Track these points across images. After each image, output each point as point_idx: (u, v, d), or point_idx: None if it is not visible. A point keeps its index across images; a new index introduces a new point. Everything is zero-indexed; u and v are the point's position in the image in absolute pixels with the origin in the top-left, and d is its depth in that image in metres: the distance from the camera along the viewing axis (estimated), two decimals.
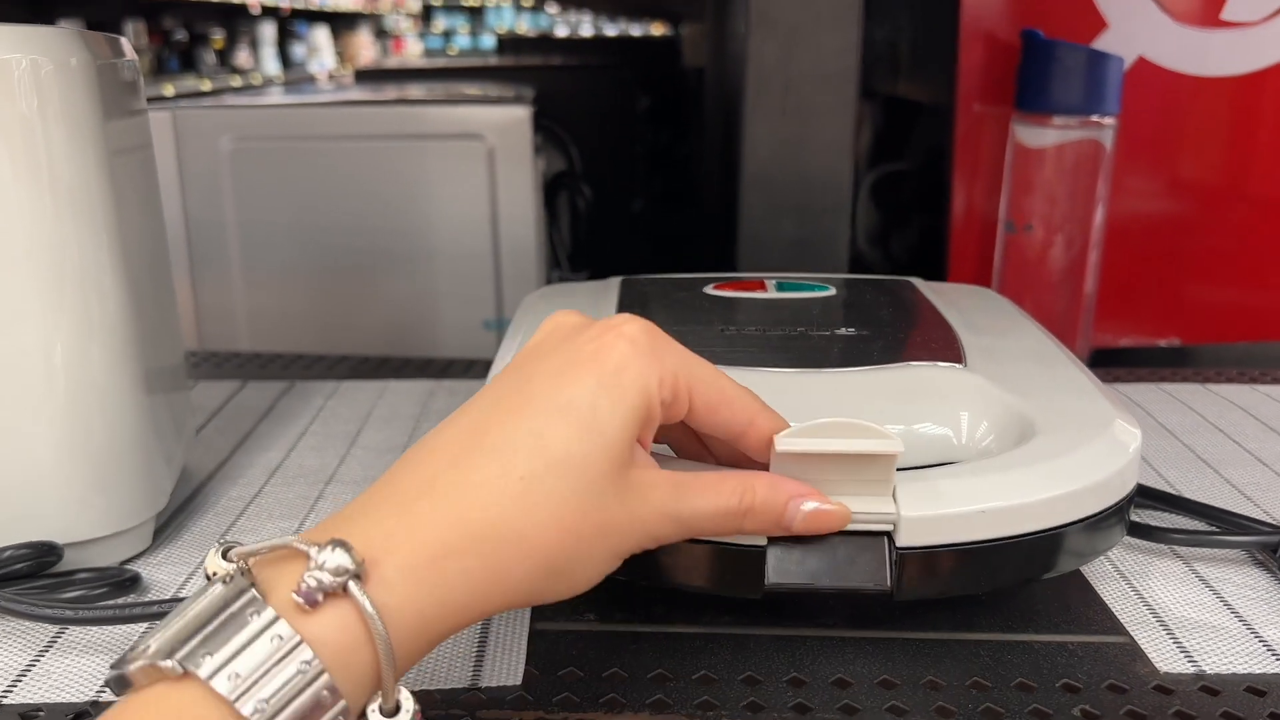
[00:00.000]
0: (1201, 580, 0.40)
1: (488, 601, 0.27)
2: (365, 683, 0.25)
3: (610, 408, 0.28)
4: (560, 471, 0.27)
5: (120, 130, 0.41)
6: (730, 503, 0.30)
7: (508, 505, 0.27)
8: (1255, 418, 0.57)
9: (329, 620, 0.24)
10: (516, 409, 0.28)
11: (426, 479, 0.27)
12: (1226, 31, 0.77)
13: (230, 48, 4.46)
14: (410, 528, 0.26)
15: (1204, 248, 0.81)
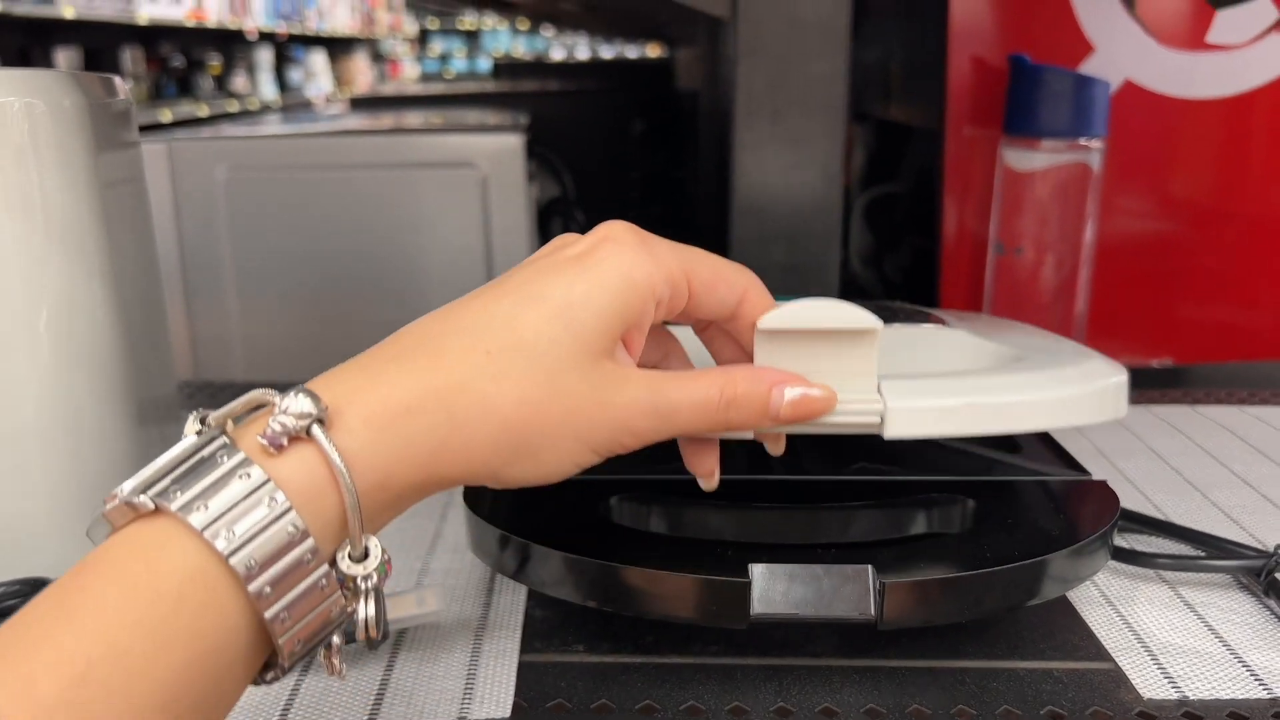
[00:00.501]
0: (1187, 605, 0.40)
1: (451, 462, 0.27)
2: (333, 527, 0.25)
3: (586, 295, 0.28)
4: (528, 351, 0.27)
5: (112, 165, 0.41)
6: (711, 394, 0.30)
7: (473, 372, 0.27)
8: (1243, 440, 0.58)
9: (294, 463, 0.25)
10: (494, 297, 0.29)
11: (397, 351, 0.28)
12: (1212, 54, 0.78)
13: (227, 73, 4.49)
14: (376, 385, 0.27)
15: (1194, 268, 0.82)
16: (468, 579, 0.43)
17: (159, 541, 0.24)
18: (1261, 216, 0.80)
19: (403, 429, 0.26)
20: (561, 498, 0.39)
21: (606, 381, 0.28)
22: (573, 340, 0.28)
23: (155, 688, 0.23)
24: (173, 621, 0.23)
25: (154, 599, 0.23)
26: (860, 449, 0.46)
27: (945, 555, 0.35)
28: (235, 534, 0.24)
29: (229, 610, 0.24)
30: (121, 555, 0.24)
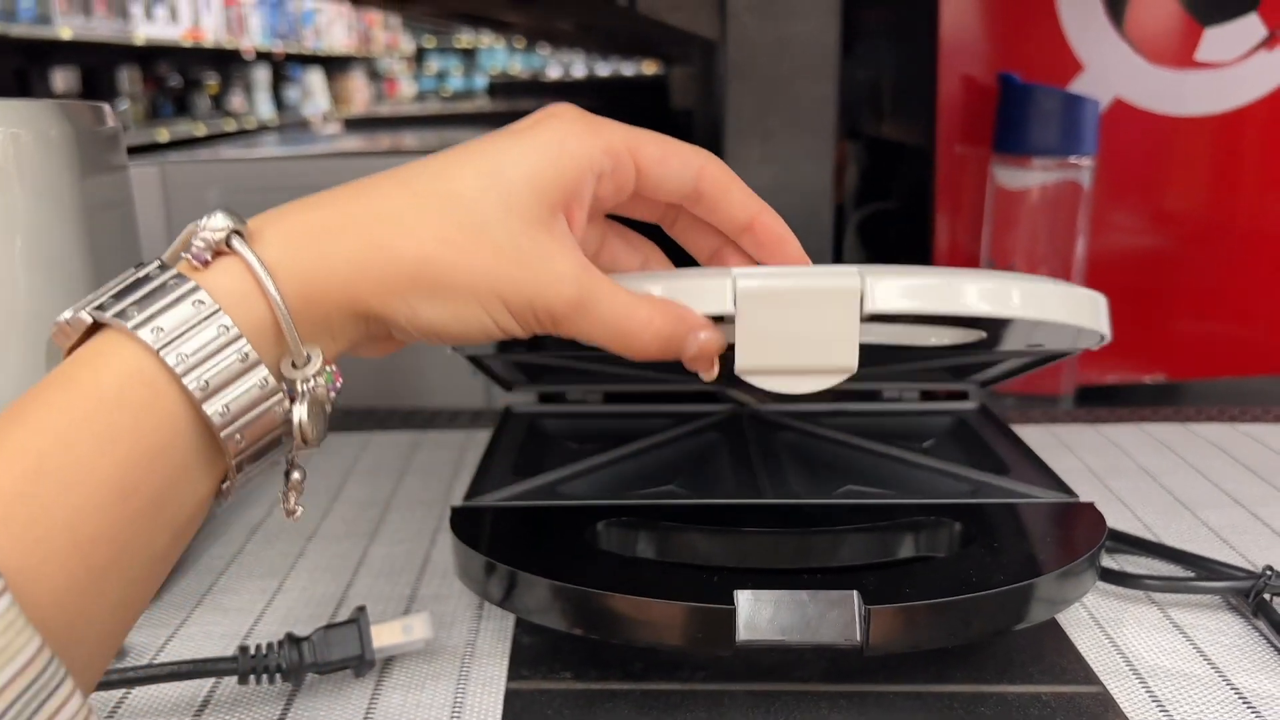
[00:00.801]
0: (1175, 626, 0.40)
1: (372, 288, 0.28)
2: (268, 335, 0.26)
3: (519, 158, 0.29)
4: (455, 200, 0.28)
5: (98, 190, 0.42)
6: (633, 324, 0.30)
7: (398, 205, 0.28)
8: (1234, 458, 0.58)
9: (219, 274, 0.26)
10: (432, 157, 0.29)
11: (330, 195, 0.29)
12: (1201, 72, 0.78)
13: (224, 92, 4.51)
14: (299, 211, 0.28)
15: (1187, 285, 0.82)
16: (455, 605, 0.43)
17: (100, 350, 0.25)
18: (1252, 233, 0.80)
19: (322, 245, 0.27)
20: (548, 524, 0.39)
21: (535, 248, 0.29)
22: (500, 198, 0.28)
23: (105, 481, 0.24)
24: (116, 416, 0.24)
25: (97, 397, 0.24)
26: (849, 472, 0.46)
27: (931, 580, 0.35)
28: (164, 331, 0.25)
29: (171, 409, 0.25)
30: (66, 367, 0.25)
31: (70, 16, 3.27)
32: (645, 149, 0.31)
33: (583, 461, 0.46)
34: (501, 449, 0.48)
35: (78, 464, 0.23)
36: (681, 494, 0.43)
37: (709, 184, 0.32)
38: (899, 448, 0.47)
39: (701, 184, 0.32)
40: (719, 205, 0.32)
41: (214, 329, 0.25)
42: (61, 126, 0.39)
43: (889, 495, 0.43)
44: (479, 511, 0.41)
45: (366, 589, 0.44)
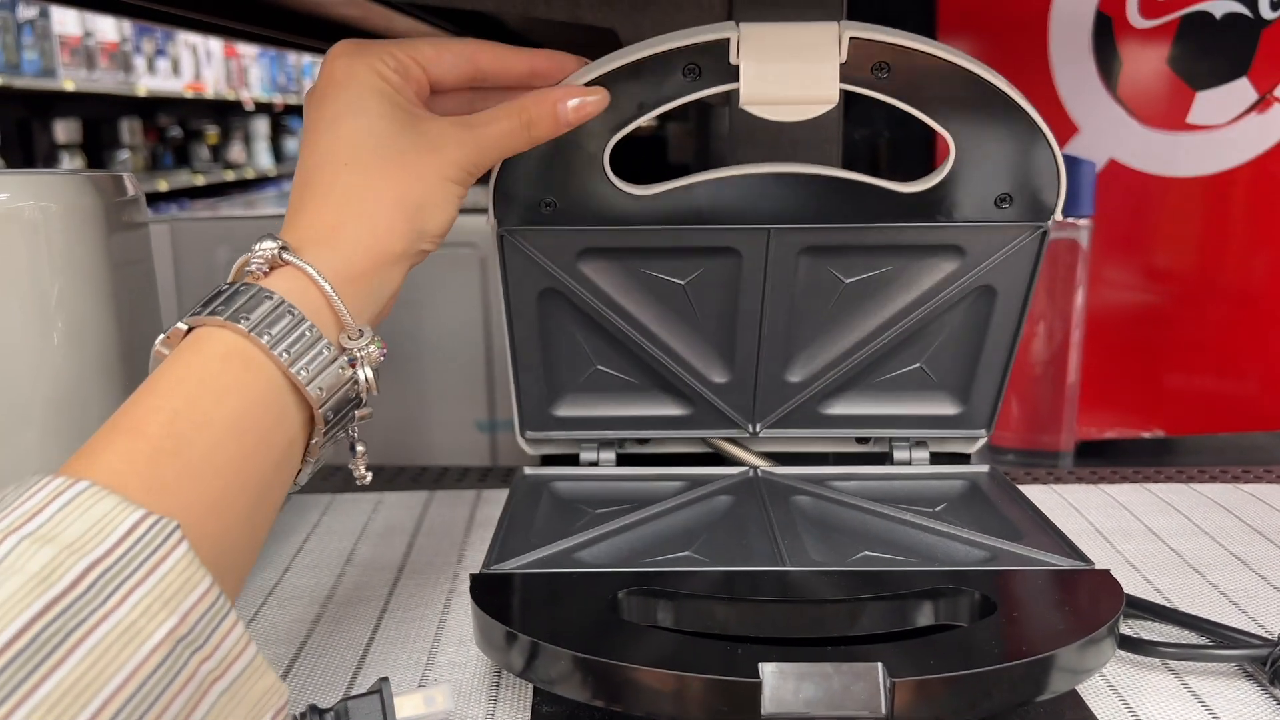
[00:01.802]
0: (1193, 695, 0.40)
1: (390, 243, 0.37)
2: (328, 317, 0.35)
3: (364, 99, 0.37)
4: (364, 149, 0.37)
5: (121, 249, 0.43)
6: (513, 123, 0.39)
7: (349, 183, 0.37)
8: (1240, 519, 0.58)
9: (279, 279, 0.35)
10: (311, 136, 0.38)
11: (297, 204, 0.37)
12: (1193, 134, 0.80)
13: (224, 143, 4.54)
14: (299, 227, 0.36)
15: (1183, 341, 0.83)
16: (473, 673, 0.42)
17: (200, 340, 0.33)
18: (1246, 291, 0.81)
19: (341, 238, 0.36)
20: (569, 592, 0.40)
21: (429, 132, 0.38)
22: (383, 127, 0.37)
23: (224, 422, 0.32)
24: (225, 380, 0.33)
25: (208, 368, 0.33)
26: (864, 537, 0.46)
27: (954, 651, 0.35)
28: (251, 320, 0.33)
29: (267, 373, 0.34)
30: (176, 356, 0.33)
31: (73, 69, 3.31)
32: (418, 49, 0.39)
33: (599, 527, 0.46)
34: (517, 514, 0.48)
35: (204, 412, 0.32)
36: (700, 559, 0.43)
37: (486, 61, 0.41)
38: (912, 512, 0.47)
39: (479, 64, 0.41)
40: (502, 73, 0.41)
41: (287, 316, 0.34)
42: (90, 197, 0.40)
43: (905, 561, 0.43)
44: (499, 579, 0.41)
45: (383, 655, 0.44)
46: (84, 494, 0.27)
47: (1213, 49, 0.78)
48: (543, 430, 0.54)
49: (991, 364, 0.52)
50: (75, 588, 0.25)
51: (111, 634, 0.25)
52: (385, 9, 0.87)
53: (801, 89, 0.42)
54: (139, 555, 0.27)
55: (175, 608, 0.27)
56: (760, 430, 0.54)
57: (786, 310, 0.50)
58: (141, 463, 0.30)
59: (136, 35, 3.68)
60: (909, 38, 0.42)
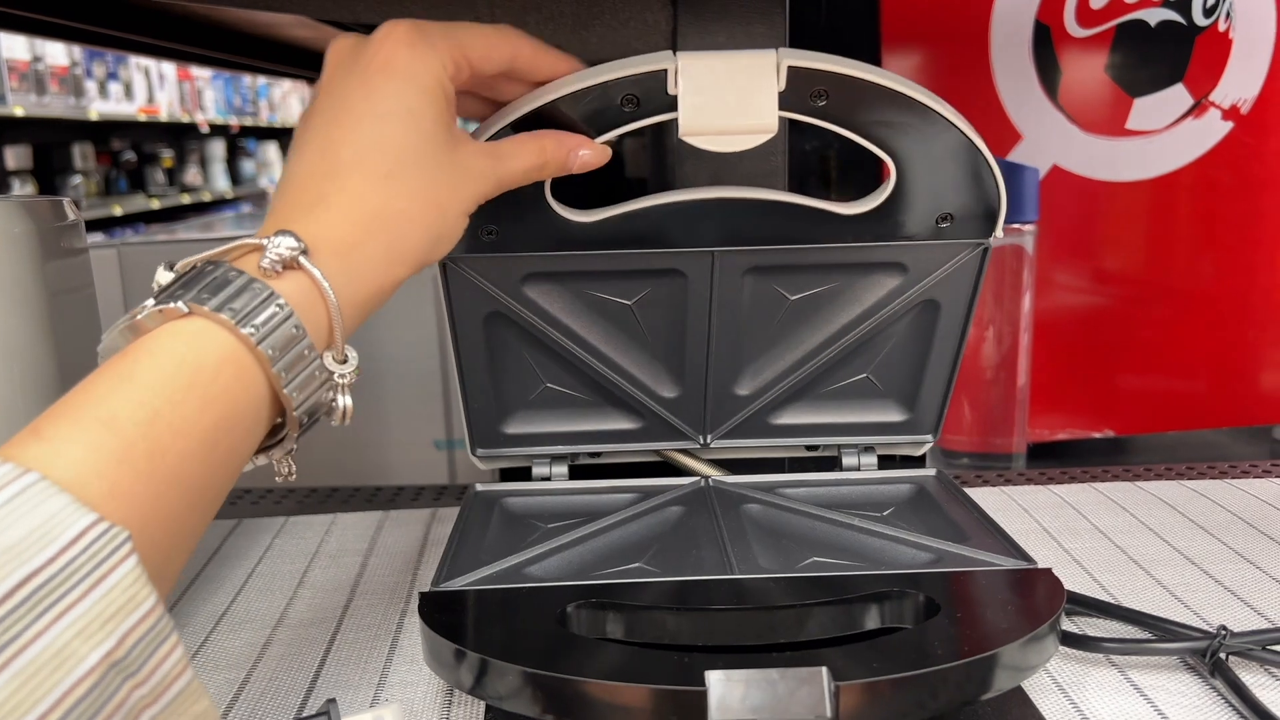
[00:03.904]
0: (1136, 688, 0.41)
1: (400, 266, 0.36)
2: (320, 333, 0.33)
3: (421, 101, 0.36)
4: (408, 163, 0.35)
5: (59, 277, 0.42)
6: (533, 161, 0.40)
7: (385, 199, 0.35)
8: (1184, 515, 0.59)
9: (289, 283, 0.33)
10: (352, 123, 0.35)
11: (316, 196, 0.34)
12: (1132, 140, 0.81)
13: (179, 166, 4.50)
14: (325, 228, 0.34)
15: (1130, 342, 0.85)
16: (425, 691, 0.42)
17: (196, 332, 0.31)
18: (1189, 291, 0.83)
19: (359, 255, 0.34)
20: (517, 608, 0.40)
21: (462, 163, 0.37)
22: (430, 144, 0.36)
23: (202, 433, 0.30)
24: (214, 388, 0.30)
25: (198, 370, 0.30)
26: (813, 543, 0.46)
27: (898, 653, 0.35)
28: (258, 328, 0.31)
29: (254, 385, 0.31)
30: (166, 343, 0.30)
31: (23, 94, 3.26)
32: (472, 49, 0.38)
33: (550, 541, 0.46)
34: (468, 531, 0.48)
35: (184, 420, 0.29)
36: (650, 570, 0.44)
37: (523, 61, 0.40)
38: (860, 517, 0.48)
39: (516, 63, 0.40)
40: (531, 73, 0.41)
41: (293, 331, 0.32)
42: (24, 224, 0.39)
43: (853, 565, 0.43)
44: (448, 597, 0.41)
45: (335, 677, 0.44)
46: (33, 488, 0.25)
47: (1148, 56, 0.80)
48: (494, 448, 0.54)
49: (937, 372, 0.52)
50: (9, 599, 0.23)
51: (41, 658, 0.24)
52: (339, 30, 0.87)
53: (740, 119, 0.42)
54: (83, 567, 0.25)
55: (114, 629, 0.25)
56: (711, 441, 0.54)
57: (733, 327, 0.50)
58: (109, 462, 0.27)
59: (87, 59, 3.64)
60: (846, 64, 0.42)
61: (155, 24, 0.86)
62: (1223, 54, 0.80)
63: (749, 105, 0.41)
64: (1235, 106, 0.80)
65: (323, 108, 0.36)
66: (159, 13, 0.84)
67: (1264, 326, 0.83)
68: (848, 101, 0.43)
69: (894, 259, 0.49)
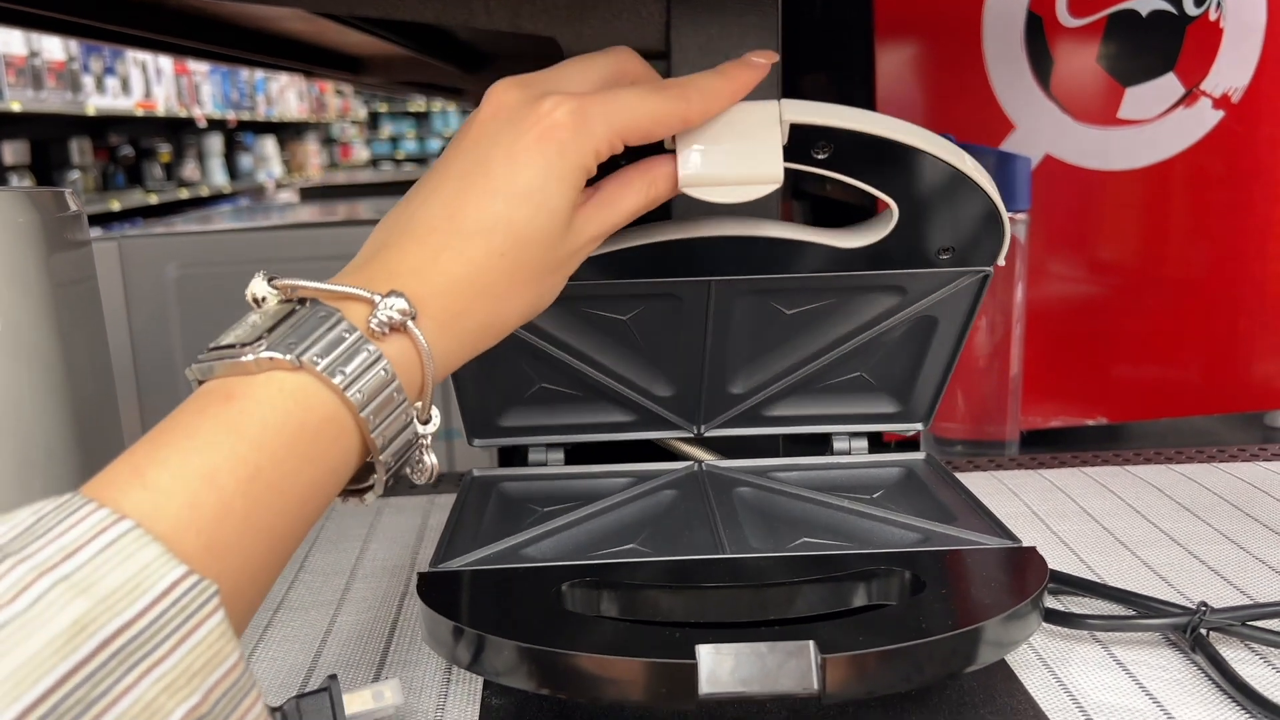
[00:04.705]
0: (1119, 664, 0.42)
1: (492, 338, 0.36)
2: (412, 394, 0.34)
3: (559, 190, 0.35)
4: (530, 245, 0.35)
5: (63, 269, 0.43)
6: (639, 199, 0.38)
7: (499, 276, 0.35)
8: (1171, 498, 0.60)
9: (394, 345, 0.33)
10: (485, 194, 0.35)
11: (429, 255, 0.34)
12: (1124, 129, 0.82)
13: (177, 160, 4.50)
14: (434, 293, 0.34)
15: (1122, 330, 0.85)
16: (424, 670, 0.43)
17: (304, 388, 0.31)
18: (1180, 279, 0.84)
19: (460, 325, 0.34)
20: (514, 587, 0.40)
21: (575, 233, 0.36)
22: (557, 225, 0.35)
23: (297, 494, 0.30)
24: (314, 447, 0.31)
25: (302, 429, 0.30)
26: (803, 525, 0.47)
27: (883, 628, 0.36)
28: (363, 393, 0.31)
29: (351, 447, 0.32)
30: (273, 396, 0.30)
31: (20, 89, 3.26)
32: (632, 133, 0.36)
33: (546, 524, 0.47)
34: (466, 514, 0.49)
35: (285, 476, 0.30)
36: (644, 552, 0.44)
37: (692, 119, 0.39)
38: (850, 499, 0.49)
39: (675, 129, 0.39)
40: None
41: (391, 394, 0.32)
42: (29, 214, 0.40)
43: (842, 546, 0.44)
44: (446, 576, 0.42)
45: (336, 657, 0.45)
46: (127, 537, 0.25)
47: (1140, 46, 0.81)
48: (490, 438, 0.55)
49: (931, 373, 0.53)
50: (102, 651, 0.24)
51: (130, 712, 0.24)
52: (336, 24, 0.88)
53: (744, 169, 0.39)
54: (173, 621, 0.25)
55: (200, 684, 0.25)
56: (705, 432, 0.55)
57: (729, 338, 0.51)
58: (207, 518, 0.28)
59: (84, 54, 3.64)
60: (851, 117, 0.40)
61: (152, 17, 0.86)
62: (1213, 43, 0.80)
63: (753, 156, 0.39)
64: (1226, 95, 0.81)
65: (465, 156, 0.36)
66: (156, 6, 0.85)
67: (1255, 314, 0.84)
68: (852, 153, 0.42)
69: (892, 283, 0.49)
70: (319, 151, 6.32)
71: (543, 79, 0.37)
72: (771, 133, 0.39)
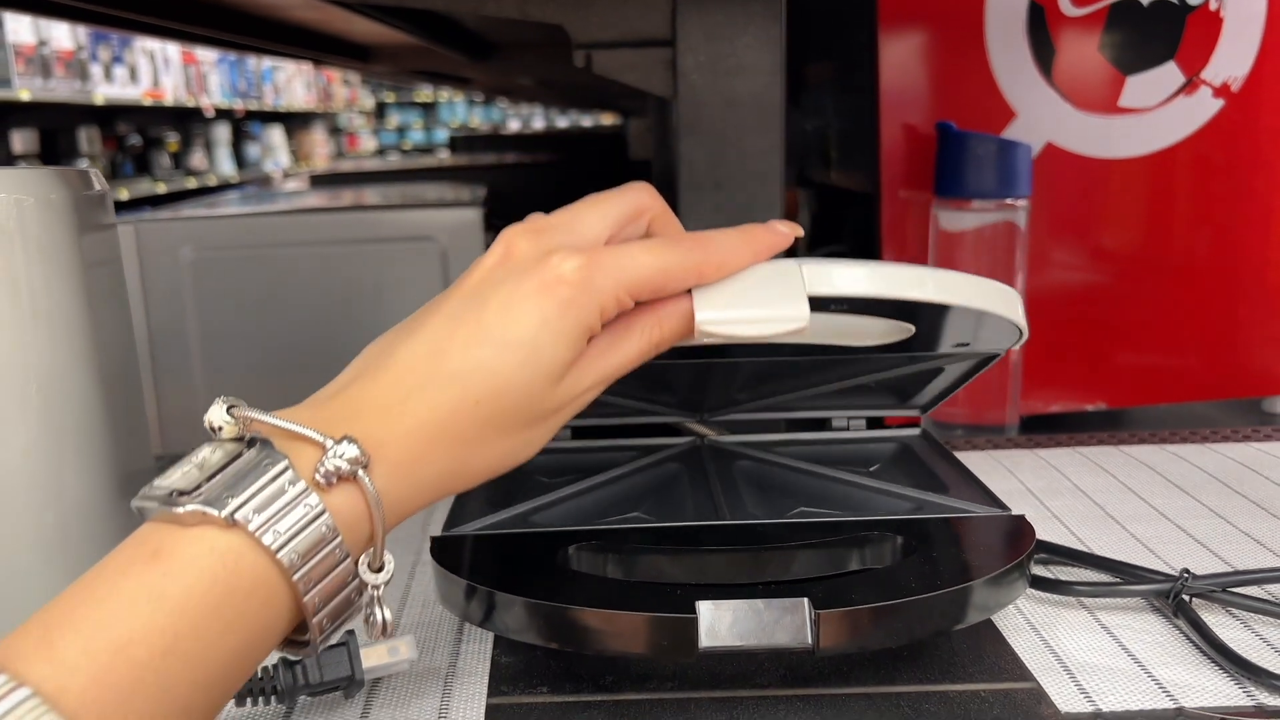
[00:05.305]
0: (1103, 628, 0.43)
1: (454, 487, 0.34)
2: (360, 545, 0.31)
3: (552, 344, 0.33)
4: (508, 397, 0.33)
5: (92, 248, 0.44)
6: (645, 344, 0.36)
7: (469, 425, 0.33)
8: (1163, 476, 0.62)
9: (341, 496, 0.30)
10: (473, 338, 0.33)
11: (400, 395, 0.32)
12: (1125, 117, 0.83)
13: (185, 150, 4.52)
14: (394, 437, 0.32)
15: (1122, 317, 0.86)
16: (437, 630, 0.45)
17: (233, 548, 0.29)
18: (1180, 267, 0.85)
19: (418, 472, 0.32)
20: (523, 549, 0.42)
21: (567, 386, 0.34)
22: (544, 378, 0.33)
23: (221, 660, 0.28)
24: (242, 609, 0.28)
25: (228, 594, 0.28)
26: (800, 495, 0.49)
27: (874, 586, 0.38)
28: (297, 553, 0.29)
29: (284, 609, 0.30)
30: (200, 554, 0.28)
31: (29, 78, 3.29)
32: (642, 290, 0.35)
33: (554, 493, 0.49)
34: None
35: (206, 647, 0.28)
36: (646, 519, 0.46)
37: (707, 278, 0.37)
38: (847, 472, 0.51)
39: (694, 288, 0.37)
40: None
41: (333, 554, 0.30)
42: (60, 191, 0.42)
43: (837, 514, 0.46)
44: (457, 540, 0.43)
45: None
46: (24, 705, 0.24)
47: (1141, 35, 0.82)
48: None
49: (936, 388, 0.54)
50: None
51: None
52: (344, 11, 0.89)
53: (767, 309, 0.36)
54: None
55: None
56: (709, 417, 0.57)
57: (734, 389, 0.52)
58: (115, 693, 0.26)
59: (93, 43, 3.66)
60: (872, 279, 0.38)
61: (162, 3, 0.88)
62: (1214, 32, 0.81)
63: (777, 296, 0.36)
64: (1226, 84, 0.82)
65: (463, 298, 0.34)
66: None
67: (1254, 301, 0.85)
68: (873, 305, 0.41)
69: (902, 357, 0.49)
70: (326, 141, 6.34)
71: (555, 226, 0.36)
72: (793, 278, 0.37)
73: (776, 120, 0.68)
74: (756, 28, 0.67)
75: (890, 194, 0.81)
